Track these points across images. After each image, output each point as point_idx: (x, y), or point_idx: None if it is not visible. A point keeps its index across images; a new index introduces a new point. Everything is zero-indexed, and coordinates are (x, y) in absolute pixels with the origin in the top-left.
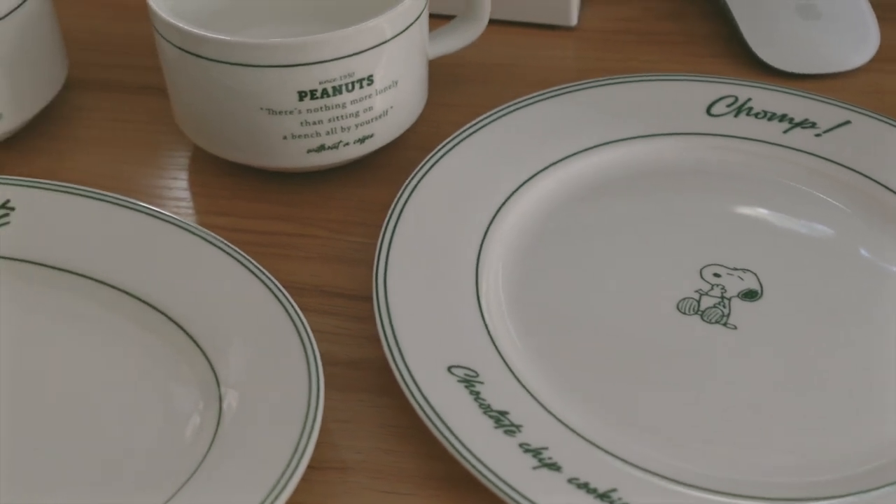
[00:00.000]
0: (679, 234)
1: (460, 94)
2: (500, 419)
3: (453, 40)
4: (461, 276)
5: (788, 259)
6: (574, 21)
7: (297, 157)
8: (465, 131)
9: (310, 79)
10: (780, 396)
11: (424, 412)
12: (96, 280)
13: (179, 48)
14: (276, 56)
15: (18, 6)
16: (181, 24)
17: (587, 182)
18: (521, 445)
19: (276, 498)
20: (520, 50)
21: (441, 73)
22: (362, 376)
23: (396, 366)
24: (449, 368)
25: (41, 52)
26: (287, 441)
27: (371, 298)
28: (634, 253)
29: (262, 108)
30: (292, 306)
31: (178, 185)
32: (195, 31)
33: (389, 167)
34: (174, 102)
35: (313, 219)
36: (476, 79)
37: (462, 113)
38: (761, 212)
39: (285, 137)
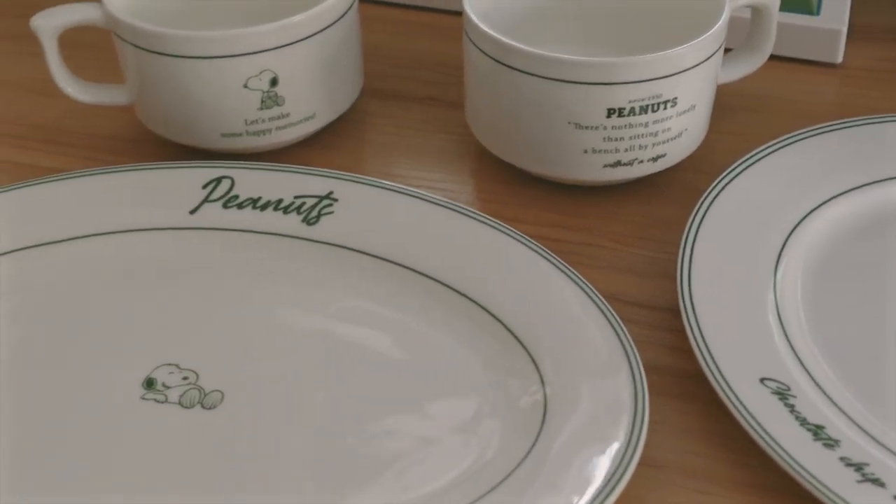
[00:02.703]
0: None
1: (731, 122)
2: (818, 432)
3: (736, 69)
4: (761, 292)
5: None
6: (840, 58)
7: (593, 171)
8: (751, 157)
9: (621, 97)
10: None
11: (746, 420)
12: (415, 271)
13: (493, 59)
14: (592, 74)
15: (340, 17)
16: (498, 36)
17: (864, 216)
18: (841, 459)
19: (613, 490)
20: (785, 83)
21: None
22: (664, 382)
23: (713, 375)
24: (761, 380)
25: (349, 60)
26: (618, 437)
27: (663, 309)
28: None
29: (569, 123)
30: (610, 312)
31: (466, 191)
32: (512, 43)
33: (670, 187)
34: (474, 112)
35: (599, 230)
36: (747, 108)
37: (735, 140)
38: None
39: (586, 151)
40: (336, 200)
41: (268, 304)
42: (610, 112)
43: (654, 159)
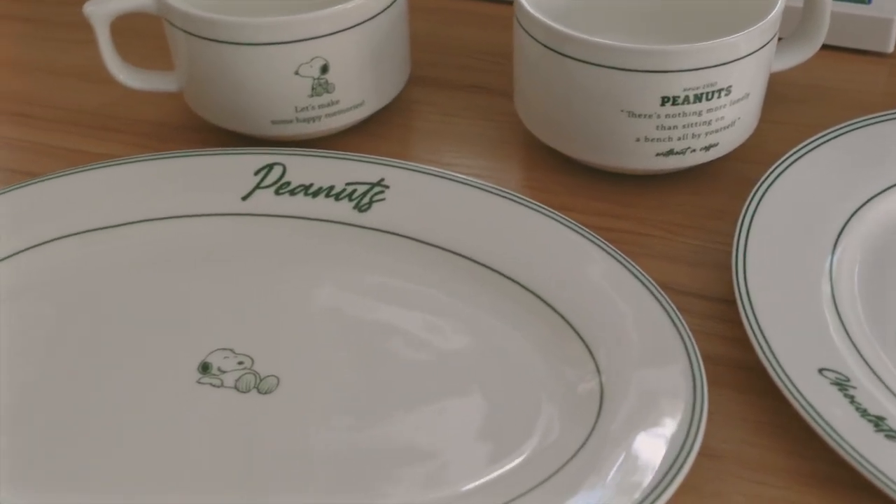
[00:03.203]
0: None
1: (782, 111)
2: (879, 424)
3: (788, 58)
4: (816, 283)
5: None
6: (891, 48)
7: (645, 160)
8: (803, 147)
9: (675, 85)
10: None
11: (806, 411)
12: (467, 258)
13: (545, 46)
14: (646, 61)
15: (391, 5)
16: (550, 23)
17: None
18: None
19: (672, 480)
20: (836, 73)
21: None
22: (718, 371)
23: (772, 366)
24: (820, 371)
25: (397, 48)
26: (677, 427)
27: (715, 299)
28: None
29: (622, 111)
30: (667, 301)
31: (513, 179)
32: (565, 30)
33: (720, 176)
34: (523, 100)
35: (649, 219)
36: (797, 98)
37: (786, 130)
38: None
39: (638, 140)
40: (387, 187)
41: (319, 290)
42: (664, 100)
43: (707, 148)
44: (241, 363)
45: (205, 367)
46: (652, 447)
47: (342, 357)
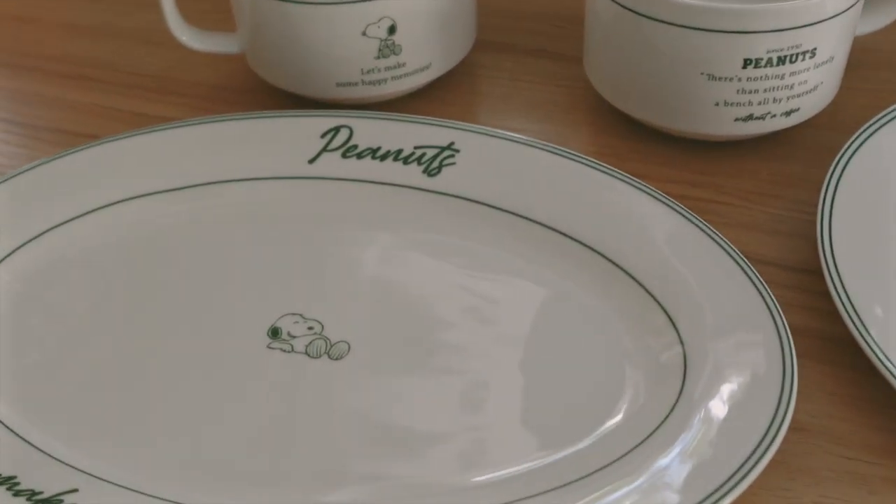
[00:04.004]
0: None
1: (862, 77)
2: None
3: (873, 21)
4: None
5: None
6: None
7: (723, 125)
8: (887, 114)
9: (759, 47)
10: None
11: None
12: (540, 223)
13: (620, 5)
14: (729, 21)
15: None
16: None
17: None
18: None
19: (764, 454)
20: None
21: None
22: (803, 343)
23: (864, 340)
24: None
25: (464, 11)
26: (767, 400)
27: (796, 269)
28: None
29: (701, 74)
30: (752, 271)
31: (583, 145)
32: None
33: (798, 143)
34: (595, 63)
35: (726, 187)
36: (878, 63)
37: (866, 96)
38: None
39: (717, 104)
40: (458, 151)
41: (388, 254)
42: (746, 62)
43: (787, 113)
44: (310, 328)
45: (274, 332)
46: (741, 419)
47: (412, 322)
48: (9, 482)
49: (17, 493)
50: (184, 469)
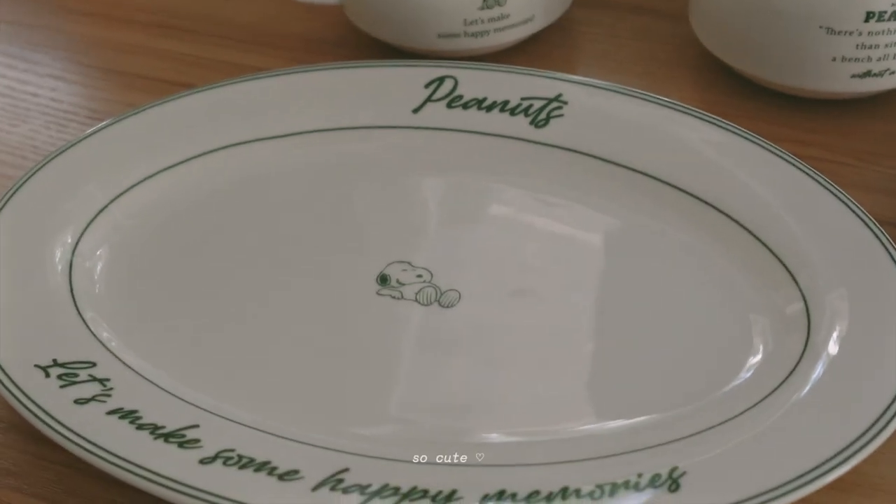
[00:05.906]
0: None
1: None
2: None
3: None
4: None
5: None
6: None
7: (839, 82)
8: None
9: None
10: None
11: None
12: (649, 175)
13: None
14: None
15: None
16: None
17: None
18: None
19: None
20: None
21: None
22: None
23: None
24: None
25: None
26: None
27: None
28: None
29: (820, 27)
30: (879, 229)
31: (688, 101)
32: None
33: None
34: (702, 15)
35: (840, 146)
36: None
37: None
38: None
39: (835, 60)
40: (566, 103)
41: (495, 205)
42: (868, 15)
43: None
44: (419, 276)
45: (383, 279)
46: (867, 383)
47: (522, 273)
48: (132, 416)
49: (140, 427)
50: (301, 408)
